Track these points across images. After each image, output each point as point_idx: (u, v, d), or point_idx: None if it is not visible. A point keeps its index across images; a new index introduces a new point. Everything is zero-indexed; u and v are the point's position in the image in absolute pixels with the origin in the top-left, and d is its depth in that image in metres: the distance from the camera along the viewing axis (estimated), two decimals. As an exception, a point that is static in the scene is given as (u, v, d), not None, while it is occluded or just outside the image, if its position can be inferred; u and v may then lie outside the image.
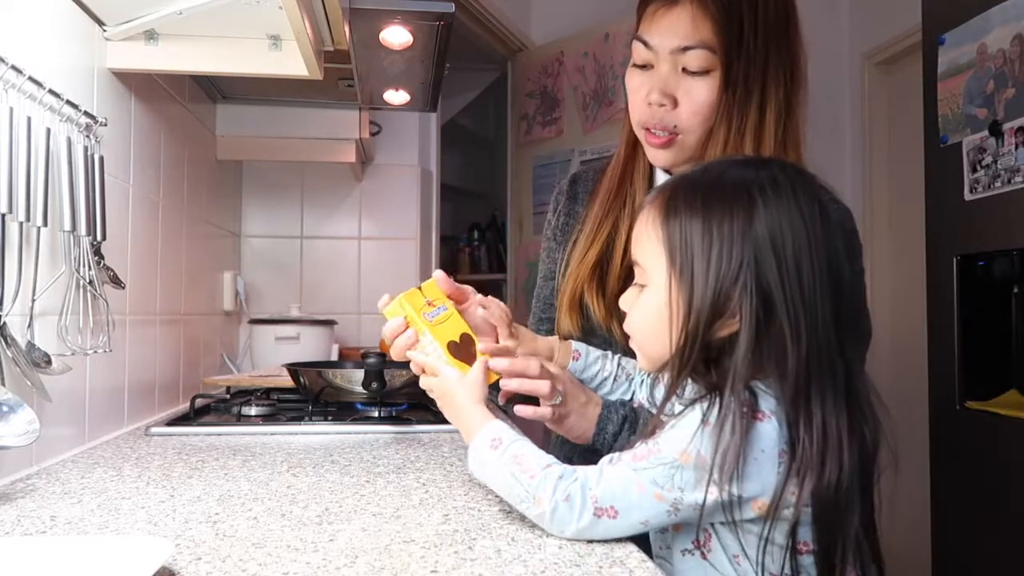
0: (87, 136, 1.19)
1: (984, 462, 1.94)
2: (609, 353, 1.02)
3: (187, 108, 1.85)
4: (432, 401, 0.92)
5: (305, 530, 0.78)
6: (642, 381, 1.00)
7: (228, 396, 1.75)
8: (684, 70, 0.95)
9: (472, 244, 4.42)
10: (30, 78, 1.01)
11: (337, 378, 1.56)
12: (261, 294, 2.50)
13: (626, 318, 0.84)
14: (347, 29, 1.40)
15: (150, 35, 1.33)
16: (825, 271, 0.74)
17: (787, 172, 0.77)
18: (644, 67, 0.98)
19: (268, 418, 1.52)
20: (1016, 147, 1.82)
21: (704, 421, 0.70)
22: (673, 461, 0.70)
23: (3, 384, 0.93)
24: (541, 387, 0.90)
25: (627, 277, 1.04)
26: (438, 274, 0.95)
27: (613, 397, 1.00)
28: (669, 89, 0.96)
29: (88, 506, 0.88)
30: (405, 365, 0.94)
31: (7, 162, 0.96)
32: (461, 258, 4.39)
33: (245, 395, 1.74)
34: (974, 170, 1.94)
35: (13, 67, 0.98)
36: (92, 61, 1.28)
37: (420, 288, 0.95)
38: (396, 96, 1.99)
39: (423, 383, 0.92)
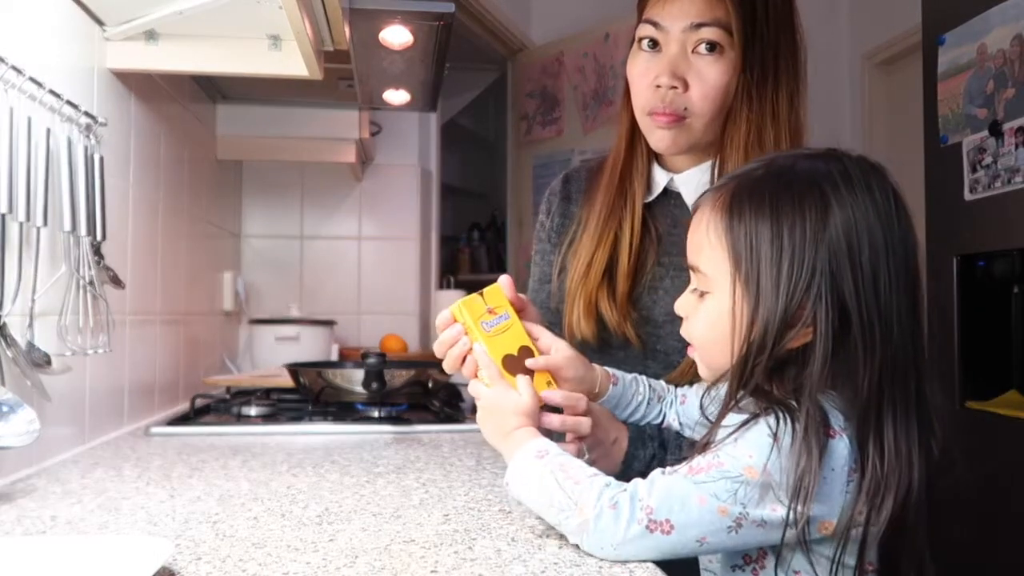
0: (87, 136, 1.19)
1: (984, 462, 1.94)
2: (638, 376, 0.97)
3: (187, 108, 1.85)
4: (433, 401, 0.92)
5: (305, 530, 0.78)
6: (671, 402, 0.97)
7: (228, 396, 1.75)
8: (695, 51, 0.93)
9: (472, 244, 4.42)
10: (30, 78, 1.01)
11: (337, 378, 1.56)
12: (261, 294, 2.50)
13: (683, 324, 0.79)
14: (347, 29, 1.40)
15: (150, 35, 1.33)
16: (902, 273, 0.69)
17: (859, 165, 0.71)
18: (652, 50, 0.96)
19: (268, 418, 1.52)
20: (1016, 147, 1.82)
21: (774, 436, 0.65)
22: (738, 476, 0.65)
23: (3, 384, 0.94)
24: (582, 426, 0.85)
25: (634, 276, 1.03)
26: (504, 279, 0.86)
27: (645, 421, 0.96)
28: (680, 71, 0.93)
29: (88, 506, 0.88)
30: (405, 365, 0.94)
31: (7, 162, 0.96)
32: (461, 258, 4.39)
33: (245, 395, 1.74)
34: (974, 170, 1.94)
35: (13, 67, 0.98)
36: (92, 61, 1.28)
37: (482, 294, 0.86)
38: (396, 96, 1.99)
39: (473, 388, 0.84)
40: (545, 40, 3.43)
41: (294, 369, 1.62)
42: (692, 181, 1.04)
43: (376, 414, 1.51)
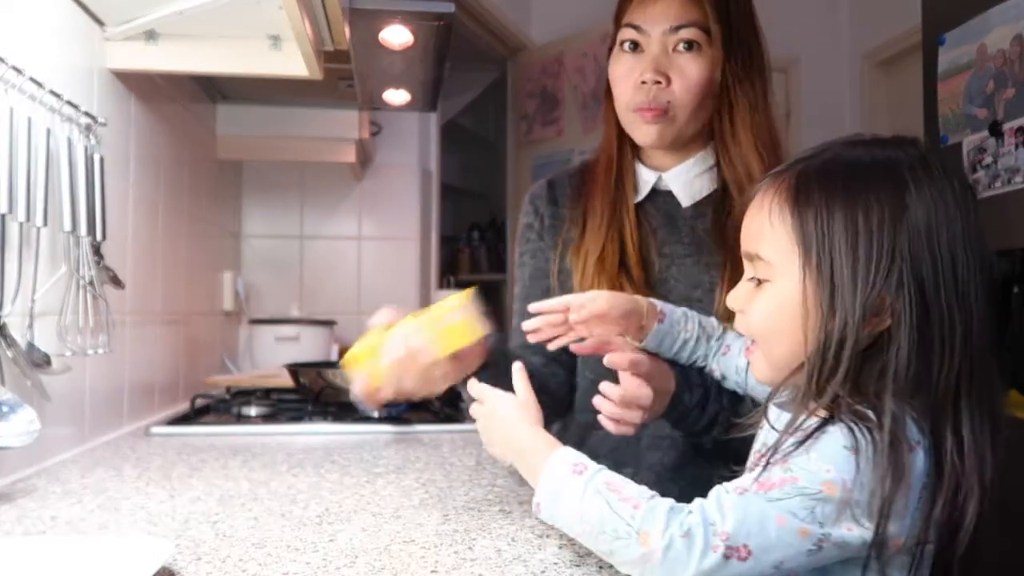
0: (87, 136, 1.19)
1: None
2: (688, 311, 0.95)
3: (187, 108, 1.85)
4: (433, 401, 0.92)
5: (305, 530, 0.78)
6: (715, 350, 0.94)
7: (228, 396, 1.75)
8: (674, 50, 0.99)
9: (472, 244, 4.42)
10: (30, 78, 1.01)
11: (337, 378, 1.56)
12: (261, 294, 2.50)
13: (738, 319, 0.75)
14: (347, 29, 1.40)
15: (150, 35, 1.33)
16: (977, 263, 0.64)
17: (931, 152, 0.68)
18: (634, 51, 1.01)
19: (268, 418, 1.52)
20: (1016, 147, 1.82)
21: (855, 449, 0.60)
22: (816, 492, 0.59)
23: (3, 384, 0.94)
24: (643, 397, 0.85)
25: (643, 263, 1.06)
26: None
27: (690, 360, 0.95)
28: (662, 67, 0.99)
29: (88, 506, 0.88)
30: None
31: (7, 162, 0.96)
32: (461, 258, 4.39)
33: (245, 395, 1.74)
34: (974, 170, 1.94)
35: (13, 67, 0.98)
36: (92, 61, 1.28)
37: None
38: (396, 96, 1.99)
39: (474, 388, 0.84)
40: (545, 40, 3.43)
41: (294, 369, 1.62)
42: (681, 177, 1.07)
43: (376, 414, 1.51)
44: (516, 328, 1.20)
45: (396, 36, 1.54)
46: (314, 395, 1.58)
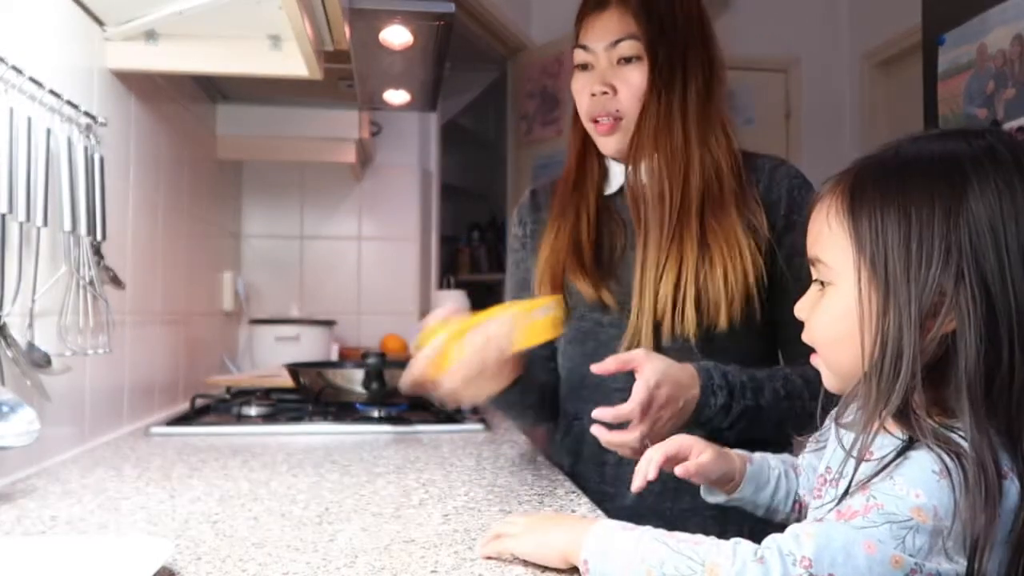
0: (87, 136, 1.19)
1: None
2: (766, 455, 0.86)
3: (187, 108, 1.85)
4: (433, 401, 0.92)
5: (305, 530, 0.78)
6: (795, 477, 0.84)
7: (228, 396, 1.75)
8: (619, 62, 1.09)
9: (472, 244, 4.43)
10: (30, 78, 1.01)
11: (337, 378, 1.56)
12: (261, 294, 2.50)
13: (805, 327, 0.71)
14: (347, 29, 1.40)
15: (150, 35, 1.33)
16: None
17: (1007, 143, 0.64)
18: (585, 69, 1.11)
19: (268, 418, 1.52)
20: (1016, 147, 1.82)
21: (943, 472, 0.56)
22: (906, 519, 0.55)
23: (3, 384, 0.94)
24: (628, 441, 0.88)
25: (598, 248, 1.12)
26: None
27: (785, 499, 0.85)
28: (608, 79, 1.09)
29: (88, 506, 0.88)
30: (405, 365, 0.94)
31: (7, 162, 0.96)
32: (461, 258, 4.40)
33: (245, 395, 1.74)
34: (974, 170, 1.95)
35: (13, 67, 0.98)
36: (92, 61, 1.28)
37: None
38: (396, 96, 1.99)
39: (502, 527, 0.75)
40: (545, 40, 3.43)
41: (294, 369, 1.62)
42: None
43: (376, 414, 1.51)
44: None
45: (396, 36, 1.54)
46: (314, 395, 1.58)
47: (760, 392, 0.98)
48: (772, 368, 1.03)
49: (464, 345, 0.90)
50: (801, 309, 0.71)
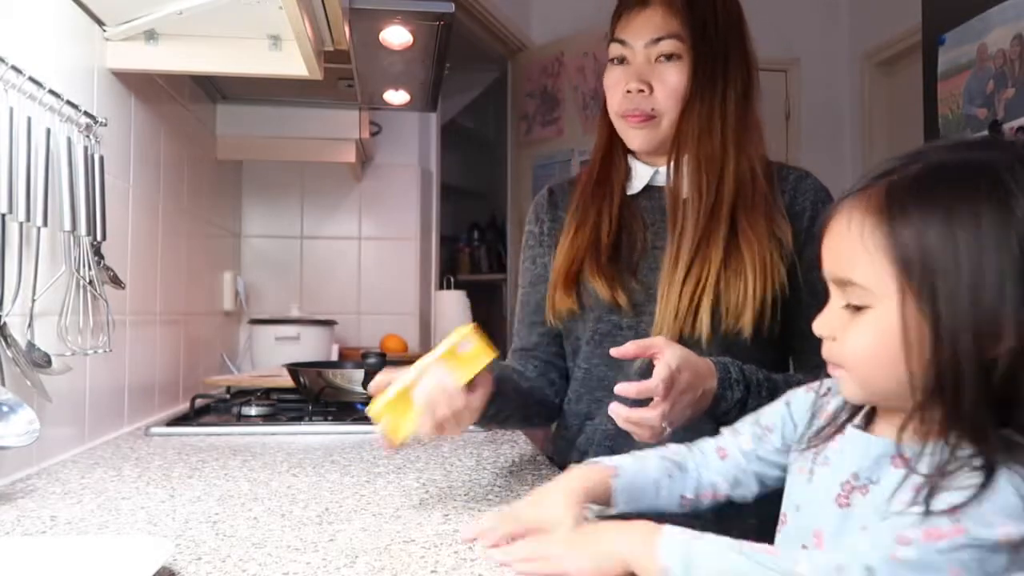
0: (87, 136, 1.19)
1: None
2: (646, 452, 0.87)
3: (187, 108, 1.85)
4: None
5: (305, 530, 0.78)
6: (705, 464, 0.84)
7: (228, 396, 1.75)
8: (657, 59, 1.08)
9: (472, 244, 4.43)
10: (30, 78, 1.01)
11: (337, 378, 1.56)
12: (261, 294, 2.50)
13: (827, 344, 0.69)
14: (347, 29, 1.40)
15: (150, 35, 1.33)
16: None
17: None
18: (620, 63, 1.10)
19: (268, 418, 1.52)
20: (1016, 147, 1.82)
21: None
22: (993, 543, 0.54)
23: (3, 384, 0.94)
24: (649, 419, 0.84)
25: (614, 249, 1.10)
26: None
27: (668, 503, 0.84)
28: (645, 76, 1.08)
29: (88, 506, 0.88)
30: (405, 365, 0.94)
31: (7, 162, 0.96)
32: (461, 258, 4.40)
33: (245, 395, 1.74)
34: (974, 170, 1.95)
35: (13, 67, 0.98)
36: (92, 61, 1.28)
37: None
38: (396, 96, 1.99)
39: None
40: (545, 40, 3.43)
41: (294, 369, 1.62)
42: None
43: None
44: (517, 331, 1.22)
45: (396, 36, 1.55)
46: (314, 395, 1.58)
47: (776, 392, 0.96)
48: (787, 374, 1.03)
49: (413, 402, 0.86)
50: (826, 327, 0.68)
